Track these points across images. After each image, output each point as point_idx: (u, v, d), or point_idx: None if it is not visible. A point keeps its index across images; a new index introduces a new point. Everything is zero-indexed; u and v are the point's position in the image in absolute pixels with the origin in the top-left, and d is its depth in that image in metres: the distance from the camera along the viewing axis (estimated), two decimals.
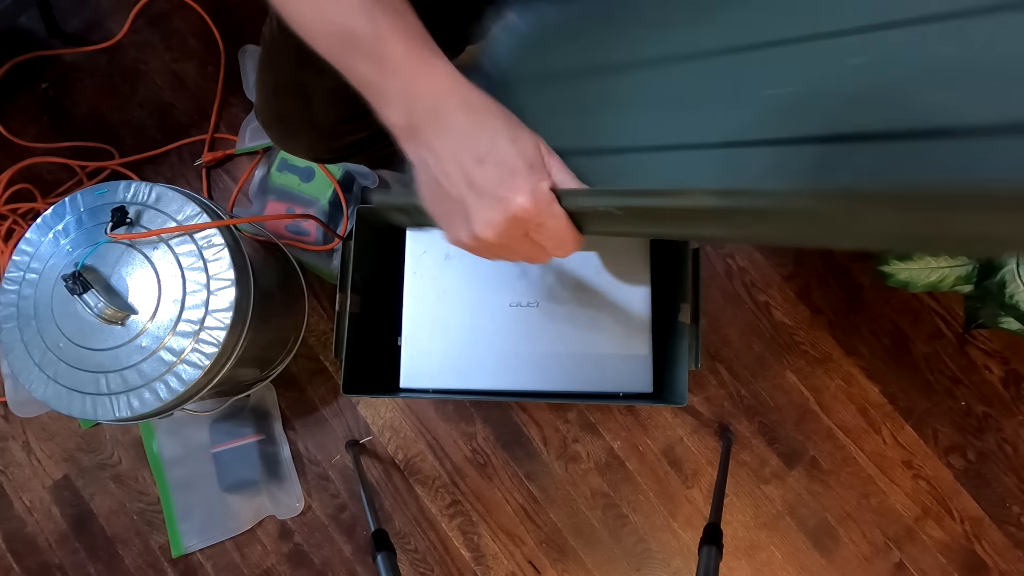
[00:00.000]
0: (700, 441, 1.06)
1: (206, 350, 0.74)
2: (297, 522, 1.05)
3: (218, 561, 1.05)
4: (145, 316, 0.74)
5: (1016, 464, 1.04)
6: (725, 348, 1.08)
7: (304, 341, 1.08)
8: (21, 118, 1.15)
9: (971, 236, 0.35)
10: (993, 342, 1.07)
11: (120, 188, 0.78)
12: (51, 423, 1.09)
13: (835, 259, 1.10)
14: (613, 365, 0.74)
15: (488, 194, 0.38)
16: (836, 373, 1.07)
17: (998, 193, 0.28)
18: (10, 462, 1.08)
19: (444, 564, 1.05)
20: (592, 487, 1.05)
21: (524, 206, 0.38)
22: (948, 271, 0.89)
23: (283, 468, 1.06)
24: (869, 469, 1.05)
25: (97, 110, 1.15)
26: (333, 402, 1.08)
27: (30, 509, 1.07)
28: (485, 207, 0.39)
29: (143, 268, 0.75)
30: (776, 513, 1.04)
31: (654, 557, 1.04)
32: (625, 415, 1.07)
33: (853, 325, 1.08)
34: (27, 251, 0.78)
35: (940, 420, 1.06)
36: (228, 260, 0.75)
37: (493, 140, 0.39)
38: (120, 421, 0.75)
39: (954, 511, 1.04)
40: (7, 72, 1.15)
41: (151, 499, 1.07)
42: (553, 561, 1.04)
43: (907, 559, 1.03)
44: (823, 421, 1.06)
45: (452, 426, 1.07)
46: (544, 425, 1.06)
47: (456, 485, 1.06)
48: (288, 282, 1.01)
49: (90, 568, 1.06)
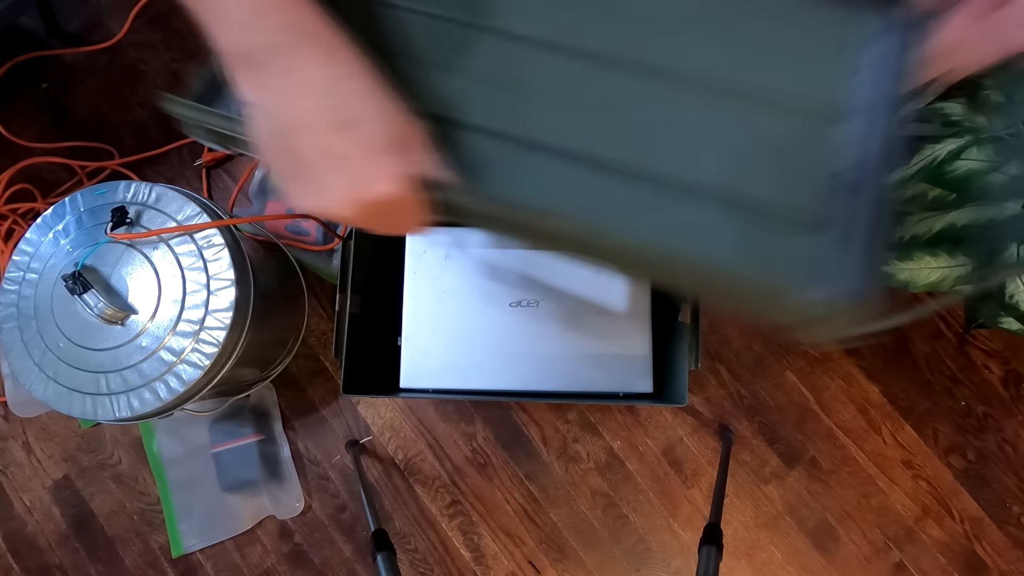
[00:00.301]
0: (700, 441, 1.06)
1: (206, 350, 0.74)
2: (297, 522, 1.05)
3: (218, 561, 1.05)
4: (145, 316, 0.74)
5: (1016, 464, 1.04)
6: (725, 348, 1.08)
7: (304, 341, 1.08)
8: (21, 118, 1.15)
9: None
10: (993, 342, 1.07)
11: (120, 188, 0.78)
12: (51, 423, 1.09)
13: None
14: (613, 365, 0.74)
15: (346, 170, 0.33)
16: (836, 373, 1.07)
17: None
18: (10, 462, 1.08)
19: (444, 564, 1.05)
20: (592, 487, 1.05)
21: (386, 192, 0.33)
22: (948, 271, 0.89)
23: (283, 468, 1.06)
24: (869, 469, 1.05)
25: (97, 110, 1.15)
26: (333, 402, 1.08)
27: (30, 509, 1.07)
28: (341, 184, 0.33)
29: (143, 268, 0.75)
30: (776, 513, 1.04)
31: (654, 557, 1.04)
32: (625, 415, 1.07)
33: None
34: (27, 251, 0.78)
35: (940, 420, 1.06)
36: (228, 260, 0.75)
37: (359, 108, 0.33)
38: (120, 421, 0.75)
39: (954, 511, 1.04)
40: (7, 72, 1.15)
41: (151, 499, 1.07)
42: (553, 561, 1.04)
43: (907, 559, 1.03)
44: (823, 421, 1.06)
45: (452, 426, 1.07)
46: (544, 425, 1.06)
47: (456, 485, 1.06)
48: (288, 282, 1.01)
49: (90, 568, 1.06)
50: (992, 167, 0.83)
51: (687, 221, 0.40)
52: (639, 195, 0.41)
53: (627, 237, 0.37)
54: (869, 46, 0.43)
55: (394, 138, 0.34)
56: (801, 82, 0.42)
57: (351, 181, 0.33)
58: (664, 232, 0.40)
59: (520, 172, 0.42)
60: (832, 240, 0.39)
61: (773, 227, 0.40)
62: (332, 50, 0.33)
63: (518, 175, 0.42)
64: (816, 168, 0.41)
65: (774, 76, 0.42)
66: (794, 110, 0.42)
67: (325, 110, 0.32)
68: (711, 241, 0.40)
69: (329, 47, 0.33)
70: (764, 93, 0.42)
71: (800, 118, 0.42)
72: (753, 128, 0.42)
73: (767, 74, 0.42)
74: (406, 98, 0.37)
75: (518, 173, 0.42)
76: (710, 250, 0.39)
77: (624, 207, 0.41)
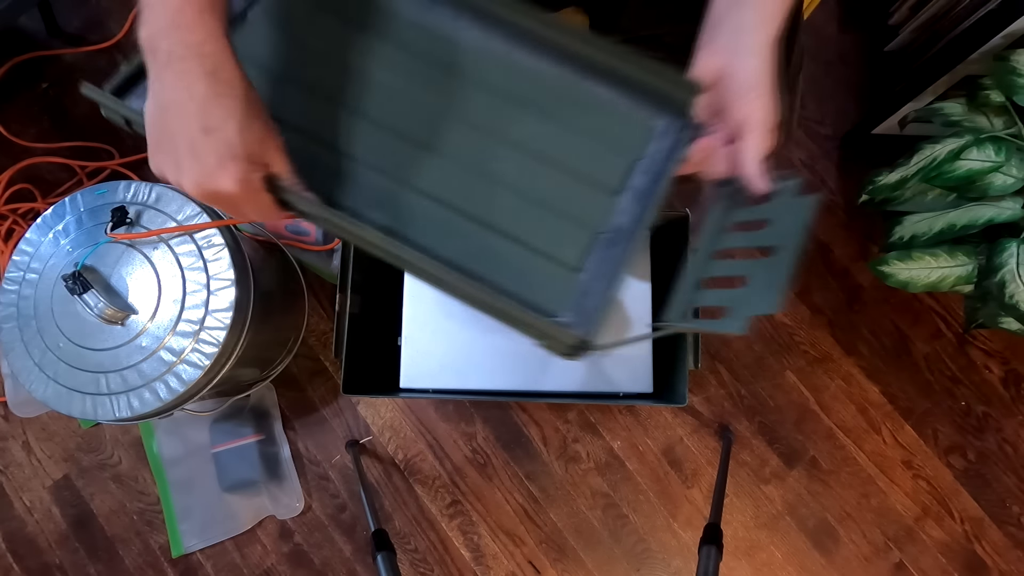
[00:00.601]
0: (700, 441, 1.06)
1: (206, 350, 0.74)
2: (297, 522, 1.05)
3: (218, 561, 1.05)
4: (145, 316, 0.74)
5: (1016, 464, 1.04)
6: (725, 348, 1.08)
7: (304, 341, 1.08)
8: (21, 118, 1.15)
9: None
10: (993, 342, 1.07)
11: (120, 188, 0.78)
12: (51, 423, 1.09)
13: (835, 259, 1.10)
14: (613, 365, 0.74)
15: (201, 164, 0.42)
16: (836, 373, 1.07)
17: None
18: (10, 462, 1.08)
19: (444, 564, 1.05)
20: (592, 487, 1.05)
21: (229, 189, 0.43)
22: (948, 271, 0.89)
23: (283, 468, 1.06)
24: (869, 469, 1.05)
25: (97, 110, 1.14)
26: (333, 402, 1.08)
27: (30, 509, 1.07)
28: (195, 171, 0.42)
29: (143, 268, 0.75)
30: (776, 513, 1.04)
31: (654, 557, 1.04)
32: (625, 415, 1.07)
33: (853, 325, 1.08)
34: (27, 251, 0.78)
35: (940, 420, 1.06)
36: (228, 260, 0.75)
37: (224, 120, 0.42)
38: (120, 421, 0.75)
39: (954, 511, 1.04)
40: (7, 72, 1.15)
41: (151, 499, 1.07)
42: (553, 561, 1.04)
43: (907, 559, 1.03)
44: (823, 421, 1.06)
45: (452, 426, 1.07)
46: (544, 425, 1.06)
47: (456, 485, 1.06)
48: (288, 282, 1.01)
49: (90, 568, 1.06)
50: (992, 167, 0.83)
51: (482, 248, 0.52)
52: (451, 221, 0.53)
53: (423, 254, 0.48)
54: (653, 140, 0.55)
55: (245, 149, 0.43)
56: (597, 160, 0.54)
57: (201, 173, 0.42)
58: (463, 254, 0.52)
59: (355, 189, 0.53)
60: (582, 281, 0.52)
61: (544, 262, 0.53)
62: (217, 71, 0.42)
63: (353, 191, 0.53)
64: (589, 225, 0.54)
65: (578, 152, 0.54)
66: (586, 179, 0.54)
67: (196, 114, 0.42)
68: (498, 264, 0.52)
69: (215, 69, 0.42)
70: (568, 163, 0.54)
71: (588, 186, 0.54)
72: (552, 186, 0.54)
73: (574, 149, 0.54)
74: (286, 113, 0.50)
75: (353, 190, 0.53)
76: (496, 271, 0.52)
77: (437, 230, 0.53)
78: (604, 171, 0.55)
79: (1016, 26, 0.77)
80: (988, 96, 0.84)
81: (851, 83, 1.14)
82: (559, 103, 0.55)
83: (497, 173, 0.54)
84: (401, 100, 0.55)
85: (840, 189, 1.11)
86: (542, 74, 0.56)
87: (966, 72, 0.88)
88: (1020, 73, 0.79)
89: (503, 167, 0.54)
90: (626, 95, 0.56)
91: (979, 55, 0.83)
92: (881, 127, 1.03)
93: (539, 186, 0.54)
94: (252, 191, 0.44)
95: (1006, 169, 0.83)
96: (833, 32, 1.16)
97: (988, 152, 0.83)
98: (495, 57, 0.56)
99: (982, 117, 0.87)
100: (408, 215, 0.54)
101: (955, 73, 0.88)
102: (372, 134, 0.54)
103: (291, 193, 0.47)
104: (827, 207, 1.11)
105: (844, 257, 1.10)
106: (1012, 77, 0.79)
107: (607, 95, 0.56)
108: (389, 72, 0.55)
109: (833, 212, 1.11)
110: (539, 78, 0.56)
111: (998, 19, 0.79)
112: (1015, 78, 0.79)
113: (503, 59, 0.56)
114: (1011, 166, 0.82)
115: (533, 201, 0.54)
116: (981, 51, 0.82)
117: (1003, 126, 0.85)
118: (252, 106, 0.44)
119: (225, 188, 0.43)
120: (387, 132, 0.54)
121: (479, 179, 0.54)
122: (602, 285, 0.52)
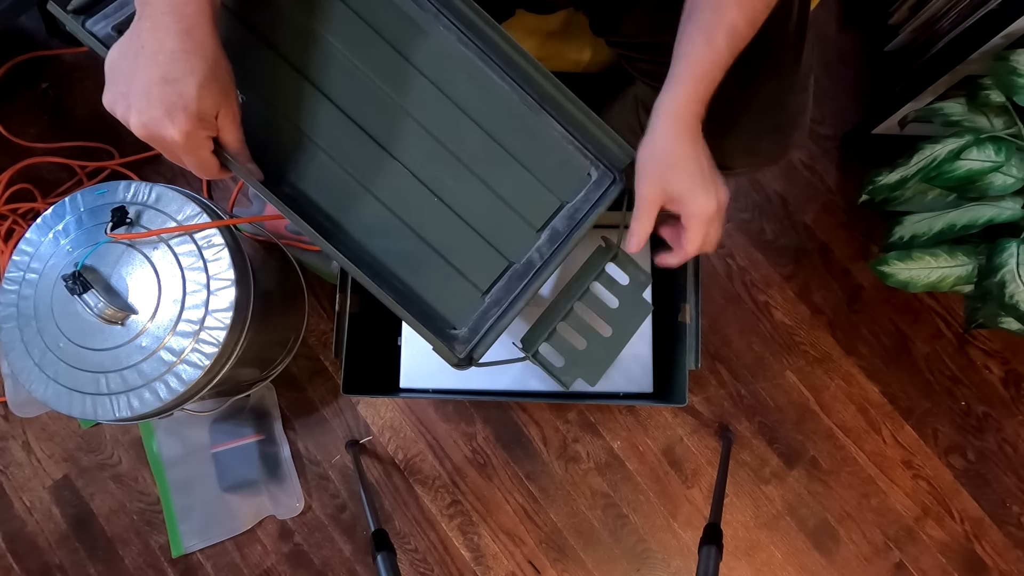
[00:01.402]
0: (700, 441, 1.06)
1: (206, 350, 0.74)
2: (297, 522, 1.05)
3: (218, 561, 1.05)
4: (145, 316, 0.74)
5: (1016, 464, 1.04)
6: (725, 348, 1.08)
7: (304, 341, 1.08)
8: (21, 118, 1.15)
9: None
10: (993, 342, 1.07)
11: (120, 188, 0.78)
12: (51, 423, 1.09)
13: (835, 259, 1.10)
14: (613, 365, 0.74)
15: (153, 107, 0.45)
16: (836, 373, 1.07)
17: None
18: (10, 462, 1.08)
19: (444, 564, 1.05)
20: (592, 487, 1.05)
21: (172, 137, 0.46)
22: (948, 271, 0.89)
23: (283, 468, 1.06)
24: (869, 469, 1.05)
25: (97, 110, 1.14)
26: (333, 402, 1.08)
27: (30, 509, 1.07)
28: (144, 112, 0.45)
29: (143, 268, 0.75)
30: (776, 513, 1.04)
31: (654, 557, 1.04)
32: (625, 415, 1.07)
33: (853, 325, 1.08)
34: (27, 251, 0.78)
35: (940, 420, 1.06)
36: (228, 260, 0.75)
37: (185, 74, 0.45)
38: (120, 421, 0.75)
39: (954, 511, 1.04)
40: (7, 72, 1.15)
41: (151, 499, 1.07)
42: (553, 561, 1.04)
43: (907, 559, 1.03)
44: (823, 421, 1.06)
45: (452, 426, 1.07)
46: (544, 425, 1.06)
47: (456, 485, 1.06)
48: (288, 282, 1.01)
49: (90, 568, 1.06)
50: (992, 167, 0.83)
51: (409, 253, 0.57)
52: (387, 221, 0.56)
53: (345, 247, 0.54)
54: (585, 188, 0.60)
55: (199, 107, 0.46)
56: (533, 193, 0.58)
57: (151, 117, 0.45)
58: (390, 254, 0.56)
59: (305, 168, 0.56)
60: (486, 302, 0.57)
61: (459, 279, 0.57)
62: (191, 32, 0.45)
63: (303, 169, 0.56)
64: (506, 255, 0.58)
65: (517, 182, 0.58)
66: (517, 210, 0.58)
67: (163, 64, 0.45)
68: (418, 271, 0.57)
69: (190, 29, 0.45)
70: (505, 190, 0.58)
71: (517, 217, 0.58)
72: (485, 210, 0.58)
73: (515, 178, 0.58)
74: (254, 76, 0.54)
75: (303, 167, 0.56)
76: (415, 276, 0.57)
77: (373, 227, 0.56)
78: (535, 206, 0.58)
79: (1016, 26, 0.77)
80: (988, 96, 0.84)
81: (851, 83, 1.14)
82: (513, 128, 0.58)
83: (440, 184, 0.57)
84: (366, 88, 0.56)
85: (840, 189, 1.11)
86: (505, 95, 0.58)
87: (966, 72, 0.88)
88: (1020, 73, 0.79)
89: (447, 180, 0.57)
90: (574, 139, 0.59)
91: (979, 55, 0.83)
92: (881, 127, 1.03)
93: (474, 207, 0.58)
94: (194, 146, 0.47)
95: (1006, 169, 0.83)
96: (833, 32, 1.16)
97: (988, 152, 0.83)
98: (465, 67, 0.57)
99: (982, 117, 0.87)
100: (349, 206, 0.56)
101: (955, 73, 0.88)
102: (332, 117, 0.56)
103: (232, 162, 0.50)
104: (827, 207, 1.11)
105: (844, 257, 1.10)
106: (1012, 77, 0.79)
107: (557, 133, 0.59)
108: (360, 54, 0.56)
109: (833, 212, 1.11)
110: (501, 98, 0.58)
111: (998, 19, 0.79)
112: (1015, 78, 0.79)
113: (472, 70, 0.58)
114: (1011, 166, 0.82)
115: (466, 220, 0.58)
116: (981, 51, 0.82)
117: (1003, 126, 0.85)
118: (217, 70, 0.47)
119: (169, 136, 0.46)
120: (346, 118, 0.56)
121: (422, 187, 0.57)
122: (499, 311, 0.57)
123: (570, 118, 0.58)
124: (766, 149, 0.70)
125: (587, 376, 0.61)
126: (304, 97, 0.56)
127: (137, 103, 0.46)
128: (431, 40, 0.57)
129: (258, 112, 0.55)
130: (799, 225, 1.11)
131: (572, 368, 0.61)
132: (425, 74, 0.57)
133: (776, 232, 1.11)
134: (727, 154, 0.67)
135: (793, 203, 1.11)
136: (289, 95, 0.56)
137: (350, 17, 0.56)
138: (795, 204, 1.11)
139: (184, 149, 0.47)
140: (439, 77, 0.57)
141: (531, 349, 0.60)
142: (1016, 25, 0.77)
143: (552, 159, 0.59)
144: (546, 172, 0.59)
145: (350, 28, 0.56)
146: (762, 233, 1.10)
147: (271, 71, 0.55)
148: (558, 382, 0.61)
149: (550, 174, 0.59)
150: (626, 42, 0.68)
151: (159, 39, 0.45)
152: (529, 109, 0.58)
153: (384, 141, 0.57)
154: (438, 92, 0.57)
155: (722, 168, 0.70)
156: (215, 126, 0.48)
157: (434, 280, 0.57)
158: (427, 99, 0.57)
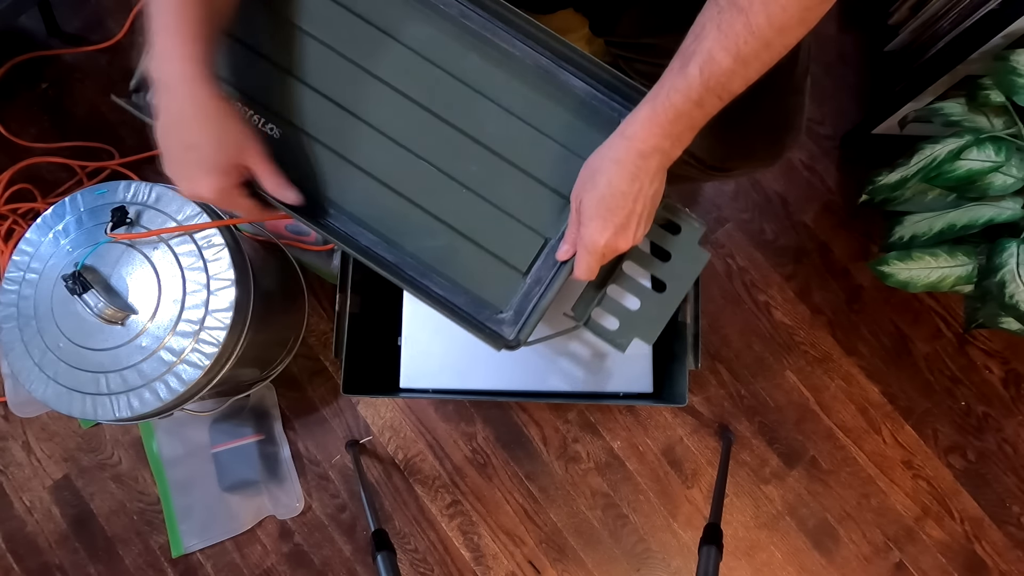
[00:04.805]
0: (700, 441, 1.06)
1: (206, 350, 0.74)
2: (297, 522, 1.05)
3: (218, 561, 1.05)
4: (145, 316, 0.74)
5: (1016, 464, 1.04)
6: (725, 348, 1.08)
7: (304, 341, 1.08)
8: (21, 118, 1.15)
9: None
10: (993, 342, 1.07)
11: (120, 188, 0.78)
12: (51, 423, 1.09)
13: (835, 259, 1.10)
14: (613, 365, 0.74)
15: (186, 174, 0.52)
16: (836, 373, 1.07)
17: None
18: (10, 462, 1.08)
19: (444, 564, 1.05)
20: (592, 487, 1.05)
21: (205, 196, 0.52)
22: (948, 271, 0.89)
23: (283, 468, 1.06)
24: (869, 469, 1.05)
25: (97, 110, 1.15)
26: (333, 402, 1.08)
27: (30, 509, 1.07)
28: (184, 180, 0.52)
29: (143, 268, 0.75)
30: (776, 513, 1.04)
31: (654, 557, 1.04)
32: (625, 415, 1.07)
33: (853, 325, 1.08)
34: (27, 251, 0.78)
35: (940, 420, 1.06)
36: (228, 260, 0.75)
37: (201, 138, 0.50)
38: (120, 421, 0.75)
39: (954, 511, 1.04)
40: (7, 72, 1.15)
41: (151, 499, 1.07)
42: (553, 561, 1.04)
43: (907, 559, 1.03)
44: (823, 421, 1.06)
45: (452, 426, 1.07)
46: (544, 425, 1.06)
47: (456, 485, 1.06)
48: (288, 282, 1.01)
49: (90, 568, 1.06)
50: (992, 167, 0.83)
51: (445, 246, 0.58)
52: (425, 223, 0.58)
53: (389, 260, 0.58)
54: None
55: (221, 162, 0.51)
56: (559, 163, 0.57)
57: (188, 182, 0.52)
58: (428, 251, 0.58)
59: (342, 186, 0.58)
60: (527, 282, 0.58)
61: (496, 263, 0.58)
62: (195, 95, 0.49)
63: (342, 188, 0.58)
64: (541, 231, 0.58)
65: (541, 154, 0.58)
66: (546, 182, 0.58)
67: (182, 134, 0.51)
68: (455, 262, 0.58)
69: (193, 93, 0.49)
70: (530, 165, 0.58)
71: (547, 190, 0.58)
72: (513, 188, 0.58)
73: (538, 150, 0.57)
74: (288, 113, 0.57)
75: (342, 186, 0.58)
76: (453, 268, 0.58)
77: (411, 228, 0.58)
78: (563, 175, 0.57)
79: (1016, 26, 0.77)
80: (988, 96, 0.84)
81: (851, 83, 1.14)
82: (529, 99, 0.57)
83: (467, 173, 0.58)
84: (396, 104, 0.58)
85: (840, 189, 1.11)
86: (520, 61, 0.58)
87: (966, 72, 0.88)
88: (1020, 73, 0.79)
89: (472, 167, 0.57)
90: (597, 93, 0.58)
91: (979, 55, 0.83)
92: (881, 127, 1.03)
93: (503, 188, 0.57)
94: (229, 198, 0.53)
95: (1006, 169, 0.83)
96: (833, 32, 1.16)
97: (988, 152, 0.83)
98: (478, 49, 0.58)
99: (982, 117, 0.87)
100: (397, 219, 0.58)
101: (955, 73, 0.88)
102: (367, 137, 0.58)
103: (272, 199, 0.54)
104: (827, 207, 1.11)
105: (844, 257, 1.10)
106: (1012, 77, 0.79)
107: (581, 92, 0.58)
108: (391, 73, 0.58)
109: (833, 212, 1.11)
110: (518, 69, 0.58)
111: (998, 19, 0.79)
112: (1015, 78, 0.79)
113: (488, 51, 0.57)
114: (1011, 166, 0.82)
115: (496, 204, 0.58)
116: (981, 51, 0.82)
117: (1003, 126, 0.85)
118: (227, 122, 0.51)
119: (205, 196, 0.52)
120: (380, 135, 0.58)
121: (450, 180, 0.57)
122: (540, 289, 0.57)
123: (589, 76, 0.57)
124: (762, 151, 0.69)
125: (644, 335, 0.60)
126: (344, 125, 0.58)
127: (174, 172, 0.52)
128: (441, 31, 0.57)
129: (292, 142, 0.58)
130: (799, 225, 1.11)
131: (628, 330, 0.59)
132: (441, 65, 0.57)
133: (776, 232, 1.11)
134: (723, 156, 0.67)
135: (793, 203, 1.11)
136: (323, 121, 0.58)
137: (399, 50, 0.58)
138: (795, 204, 1.11)
139: (220, 203, 0.53)
140: (450, 64, 0.57)
141: (583, 316, 0.59)
142: (1016, 25, 0.77)
143: (575, 123, 0.57)
144: (571, 137, 0.57)
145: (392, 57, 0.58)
146: (762, 233, 1.10)
147: (301, 100, 0.58)
148: (614, 346, 0.60)
149: (575, 138, 0.57)
150: (624, 43, 0.68)
151: (171, 111, 0.50)
152: (548, 73, 0.57)
153: (407, 142, 0.57)
154: (451, 78, 0.57)
155: (718, 170, 0.70)
156: (243, 172, 0.52)
157: (476, 269, 0.58)
158: (445, 90, 0.57)
